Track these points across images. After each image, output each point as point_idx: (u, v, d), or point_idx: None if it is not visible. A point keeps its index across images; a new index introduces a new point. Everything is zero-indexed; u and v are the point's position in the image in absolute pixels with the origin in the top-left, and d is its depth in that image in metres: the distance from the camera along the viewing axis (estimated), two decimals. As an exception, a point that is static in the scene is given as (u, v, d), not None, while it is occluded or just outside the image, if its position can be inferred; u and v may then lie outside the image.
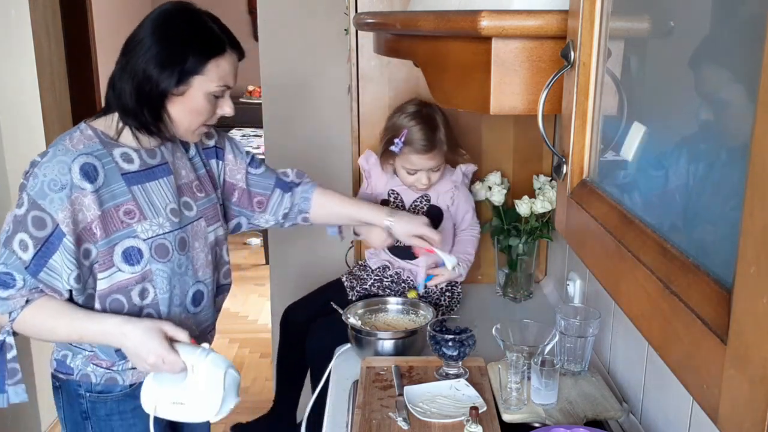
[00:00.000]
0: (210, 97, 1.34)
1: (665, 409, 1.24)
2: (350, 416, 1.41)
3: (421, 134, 1.76)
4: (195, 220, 1.44)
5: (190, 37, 1.32)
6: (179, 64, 1.29)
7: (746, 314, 0.42)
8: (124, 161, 1.35)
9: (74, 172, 1.26)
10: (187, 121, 1.36)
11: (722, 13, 0.53)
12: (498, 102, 0.84)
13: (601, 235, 0.68)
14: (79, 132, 1.33)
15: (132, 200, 1.33)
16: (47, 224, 1.25)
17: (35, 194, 1.25)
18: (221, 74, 1.33)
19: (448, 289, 1.88)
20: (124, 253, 1.32)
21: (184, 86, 1.31)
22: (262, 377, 3.34)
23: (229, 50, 1.33)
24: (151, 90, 1.30)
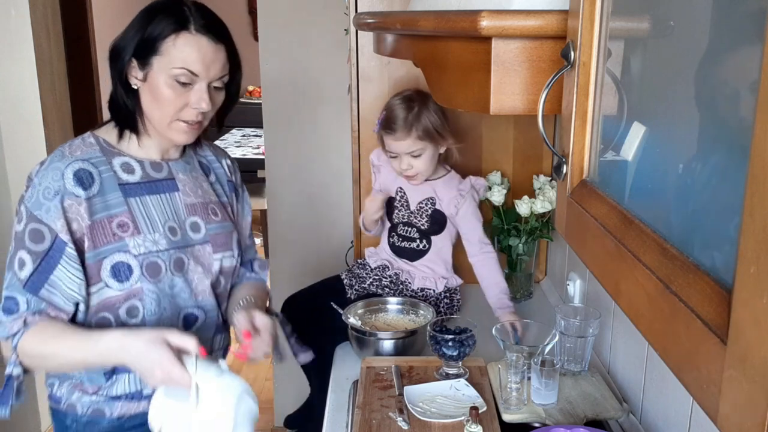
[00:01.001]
0: (173, 83, 1.23)
1: (665, 409, 1.24)
2: (350, 416, 1.41)
3: (393, 114, 1.76)
4: (200, 243, 1.36)
5: (150, 15, 1.25)
6: (137, 33, 1.24)
7: (746, 314, 0.42)
8: (124, 171, 1.29)
9: (67, 177, 1.22)
10: (156, 112, 1.27)
11: (722, 13, 0.53)
12: (498, 102, 0.84)
13: (601, 235, 0.68)
14: (80, 140, 1.30)
15: (127, 212, 1.27)
16: (45, 236, 1.20)
17: (32, 205, 1.21)
18: (181, 55, 1.22)
19: (447, 296, 1.87)
20: (113, 268, 1.24)
21: (146, 69, 1.24)
22: (262, 377, 3.34)
23: (195, 32, 1.23)
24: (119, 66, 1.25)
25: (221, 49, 1.26)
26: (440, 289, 1.86)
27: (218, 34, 1.26)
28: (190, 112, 1.27)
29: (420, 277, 1.86)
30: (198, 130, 1.32)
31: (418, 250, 1.87)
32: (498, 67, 0.83)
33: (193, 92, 1.25)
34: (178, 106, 1.25)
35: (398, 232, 1.89)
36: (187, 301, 1.34)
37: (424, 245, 1.87)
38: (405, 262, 1.88)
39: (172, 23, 1.22)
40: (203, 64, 1.24)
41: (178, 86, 1.24)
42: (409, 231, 1.88)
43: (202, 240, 1.37)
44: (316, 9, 2.56)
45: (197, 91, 1.25)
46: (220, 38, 1.26)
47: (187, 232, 1.34)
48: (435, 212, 1.86)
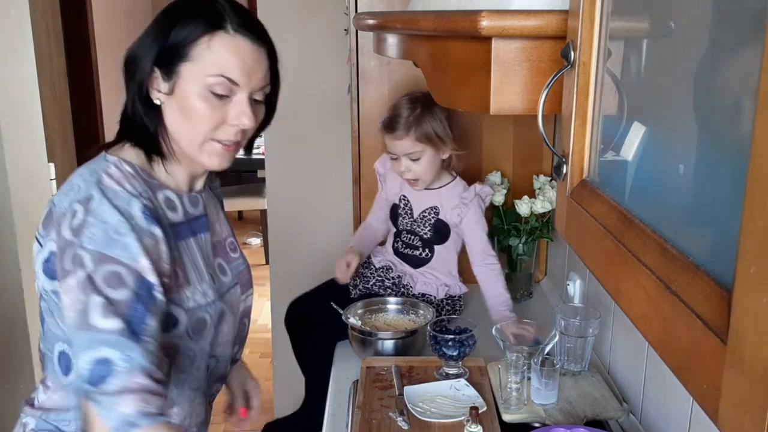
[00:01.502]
0: (206, 94, 1.02)
1: (665, 409, 1.24)
2: (350, 416, 1.41)
3: (394, 113, 1.74)
4: (231, 287, 1.20)
5: (178, 9, 1.04)
6: (159, 38, 1.02)
7: (746, 314, 0.42)
8: (169, 208, 1.08)
9: (136, 215, 0.98)
10: (186, 131, 1.05)
11: (722, 13, 0.53)
12: (498, 102, 0.84)
13: (601, 235, 0.68)
14: (113, 167, 1.04)
15: (178, 259, 1.07)
16: (125, 279, 0.95)
17: (99, 244, 0.95)
18: (217, 60, 1.01)
19: (449, 303, 1.87)
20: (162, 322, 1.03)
21: (173, 77, 1.03)
22: (262, 377, 3.33)
23: (233, 31, 1.02)
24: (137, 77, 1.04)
25: (263, 52, 1.06)
26: (441, 296, 1.86)
27: (259, 35, 1.06)
28: (227, 130, 1.06)
29: (422, 282, 1.85)
30: (235, 153, 1.11)
31: (421, 257, 1.86)
32: (498, 67, 0.83)
33: (232, 105, 1.04)
34: (213, 123, 1.04)
35: (402, 239, 1.88)
36: (214, 346, 1.17)
37: (426, 254, 1.86)
38: (408, 267, 1.88)
39: (205, 22, 1.02)
40: (244, 70, 1.03)
41: (213, 98, 1.03)
42: (413, 239, 1.86)
43: (231, 283, 1.20)
44: (316, 9, 2.56)
45: (237, 104, 1.04)
46: (261, 40, 1.06)
47: (219, 277, 1.17)
48: (438, 222, 1.83)
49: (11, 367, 2.33)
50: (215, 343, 1.16)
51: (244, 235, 5.35)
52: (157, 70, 1.04)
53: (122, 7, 5.11)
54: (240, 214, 5.74)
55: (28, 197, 2.41)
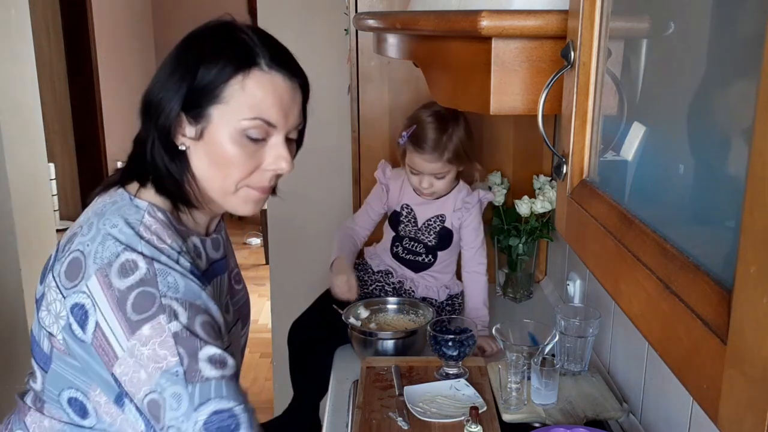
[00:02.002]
0: (240, 139, 0.93)
1: (665, 409, 1.24)
2: (350, 416, 1.41)
3: (426, 134, 1.68)
4: (233, 324, 1.13)
5: (203, 44, 0.95)
6: (185, 79, 0.93)
7: (746, 314, 0.42)
8: (197, 256, 1.01)
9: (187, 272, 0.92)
10: (217, 178, 0.96)
11: (722, 13, 0.53)
12: (498, 102, 0.84)
13: (601, 235, 0.68)
14: (147, 215, 0.95)
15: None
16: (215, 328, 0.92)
17: (184, 294, 0.89)
18: (252, 101, 0.92)
19: (449, 304, 1.87)
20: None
21: (202, 123, 0.94)
22: (262, 377, 3.34)
23: (267, 67, 0.93)
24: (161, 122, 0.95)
25: (297, 87, 0.97)
26: (443, 298, 1.86)
27: (294, 68, 0.97)
28: (263, 175, 0.97)
29: (423, 286, 1.85)
30: (266, 198, 1.03)
31: (423, 263, 1.86)
32: (498, 67, 0.83)
33: (268, 149, 0.96)
34: (248, 170, 0.96)
35: (403, 245, 1.86)
36: None
37: (429, 259, 1.85)
38: (408, 271, 1.87)
39: (236, 58, 0.92)
40: (282, 110, 0.94)
41: (248, 143, 0.94)
42: (416, 246, 1.85)
43: (233, 320, 1.13)
44: (316, 9, 2.56)
45: (274, 147, 0.96)
46: (296, 74, 0.97)
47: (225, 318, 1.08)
48: (443, 229, 1.82)
49: (10, 367, 2.33)
50: None
51: (244, 235, 5.35)
52: (183, 114, 0.95)
53: (122, 7, 5.12)
54: (240, 214, 5.74)
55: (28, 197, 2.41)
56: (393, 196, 1.85)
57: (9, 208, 2.36)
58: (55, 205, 2.67)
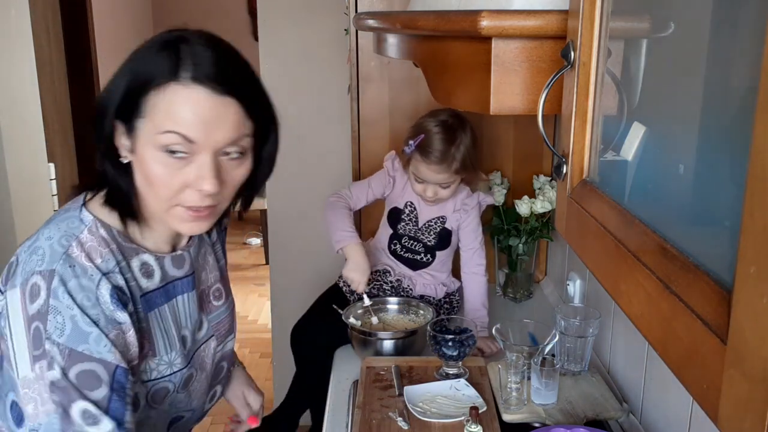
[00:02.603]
0: (162, 155, 0.89)
1: (665, 409, 1.24)
2: (350, 416, 1.41)
3: (434, 145, 1.67)
4: (204, 342, 1.11)
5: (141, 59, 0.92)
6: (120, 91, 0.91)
7: (746, 314, 0.42)
8: (144, 275, 0.99)
9: (104, 301, 0.90)
10: (149, 194, 0.94)
11: (722, 13, 0.53)
12: (498, 102, 0.84)
13: (601, 235, 0.68)
14: (86, 231, 0.94)
15: (147, 331, 0.98)
16: (101, 376, 0.88)
17: (68, 340, 0.87)
18: (168, 116, 0.88)
19: (447, 301, 1.87)
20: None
21: (132, 135, 0.91)
22: (262, 377, 3.34)
23: (188, 81, 0.88)
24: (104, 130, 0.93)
25: (230, 103, 0.90)
26: (440, 296, 1.86)
27: (224, 83, 0.89)
28: (193, 194, 0.92)
29: (421, 284, 1.85)
30: (211, 217, 0.97)
31: (422, 261, 1.86)
32: (498, 67, 0.83)
33: (193, 167, 0.90)
34: (174, 188, 0.91)
35: (402, 243, 1.86)
36: (180, 406, 1.10)
37: (428, 259, 1.85)
38: (406, 269, 1.87)
39: (159, 71, 0.89)
40: (202, 125, 0.88)
41: (172, 160, 0.89)
42: (415, 245, 1.85)
43: (205, 337, 1.12)
44: (316, 9, 2.56)
45: (197, 166, 0.90)
46: (226, 89, 0.89)
47: (194, 334, 1.09)
48: (443, 230, 1.83)
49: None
50: (181, 406, 1.10)
51: (244, 235, 5.35)
52: (119, 124, 0.92)
53: (122, 7, 5.11)
54: (240, 214, 5.73)
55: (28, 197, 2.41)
56: (396, 190, 1.85)
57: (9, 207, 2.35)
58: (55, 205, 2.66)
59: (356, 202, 1.86)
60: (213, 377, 1.18)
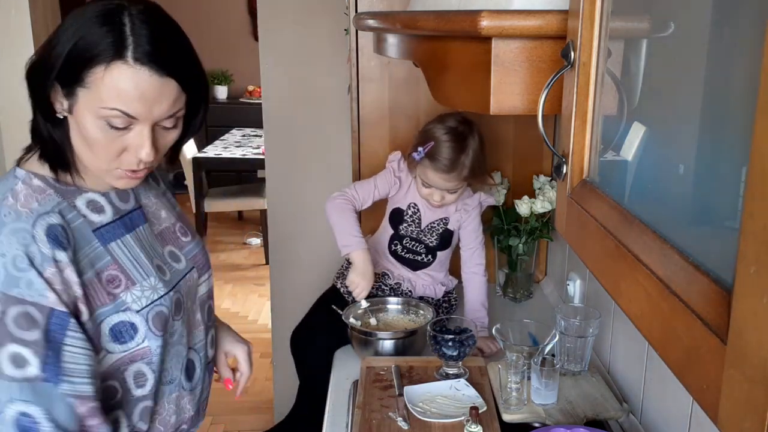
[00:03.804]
0: (102, 125, 0.95)
1: (665, 409, 1.24)
2: (350, 416, 1.41)
3: (444, 153, 1.67)
4: (187, 272, 1.17)
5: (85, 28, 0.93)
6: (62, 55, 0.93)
7: (746, 314, 0.42)
8: (93, 211, 1.04)
9: (39, 239, 0.93)
10: (88, 154, 0.99)
11: (722, 13, 0.53)
12: (498, 102, 0.84)
13: (601, 235, 0.68)
14: (21, 183, 0.99)
15: (113, 263, 1.03)
16: (36, 318, 0.91)
17: (2, 285, 0.91)
18: (111, 93, 0.92)
19: (446, 301, 1.87)
20: (111, 330, 1.01)
21: (70, 99, 0.95)
22: (262, 377, 3.34)
23: (133, 61, 0.92)
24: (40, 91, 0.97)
25: (170, 82, 0.95)
26: (440, 296, 1.87)
27: (165, 64, 0.94)
28: (130, 159, 0.99)
29: (420, 286, 1.85)
30: (145, 174, 1.04)
31: (422, 262, 1.86)
32: (498, 67, 0.83)
33: (131, 136, 0.97)
34: (112, 154, 0.98)
35: (404, 244, 1.86)
36: (185, 347, 1.16)
37: (429, 259, 1.85)
38: (406, 270, 1.87)
39: (105, 47, 0.92)
40: (144, 103, 0.94)
41: (110, 130, 0.95)
42: (416, 246, 1.85)
43: (186, 268, 1.17)
44: (316, 9, 2.56)
45: (137, 136, 0.97)
46: (168, 70, 0.95)
47: (171, 266, 1.14)
48: (445, 231, 1.83)
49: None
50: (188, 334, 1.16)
51: (244, 235, 5.35)
52: (57, 84, 0.96)
53: (122, 7, 5.11)
54: (240, 214, 5.75)
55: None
56: (401, 191, 1.84)
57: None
58: (55, 205, 2.66)
59: (362, 202, 1.85)
60: (208, 317, 1.24)
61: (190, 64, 1.01)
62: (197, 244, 1.24)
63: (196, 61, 1.03)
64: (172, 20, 1.01)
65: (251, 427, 2.98)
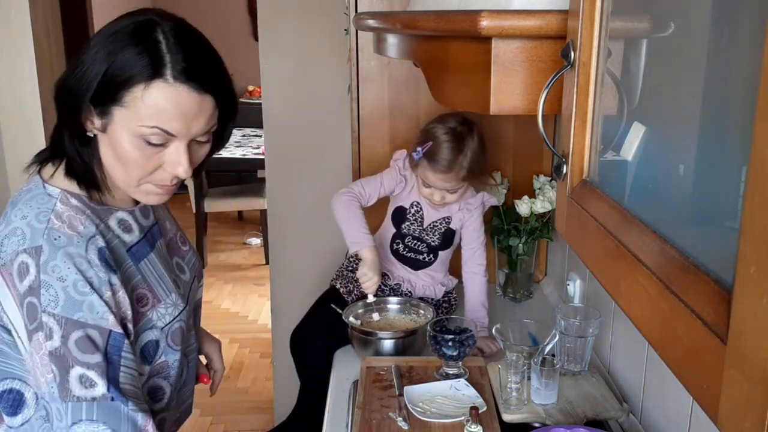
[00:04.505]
0: (139, 143, 0.94)
1: (665, 409, 1.24)
2: (350, 416, 1.41)
3: (442, 154, 1.67)
4: (192, 283, 1.19)
5: (118, 42, 0.93)
6: (97, 77, 0.93)
7: (746, 314, 0.42)
8: (124, 231, 1.05)
9: (95, 264, 0.95)
10: (119, 171, 0.99)
11: (722, 13, 0.53)
12: (498, 102, 0.84)
13: (601, 235, 0.68)
14: (59, 203, 0.98)
15: (142, 282, 1.05)
16: (97, 341, 0.93)
17: (63, 309, 0.92)
18: (151, 111, 0.92)
19: (446, 300, 1.87)
20: (142, 351, 1.04)
21: (105, 118, 0.95)
22: (262, 377, 3.34)
23: (173, 79, 0.92)
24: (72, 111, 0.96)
25: (207, 99, 0.96)
26: (440, 296, 1.86)
27: (204, 80, 0.95)
28: (164, 175, 0.99)
29: (420, 286, 1.85)
30: (175, 189, 1.05)
31: (424, 261, 1.86)
32: (498, 67, 0.83)
33: (168, 153, 0.97)
34: (147, 170, 0.98)
35: (405, 243, 1.86)
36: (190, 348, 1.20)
37: (430, 258, 1.85)
38: (406, 270, 1.87)
39: (142, 65, 0.92)
40: (183, 120, 0.94)
41: (147, 147, 0.95)
42: (418, 245, 1.85)
43: (190, 279, 1.20)
44: (316, 9, 2.56)
45: (174, 153, 0.97)
46: (205, 86, 0.95)
47: (180, 278, 1.16)
48: (448, 230, 1.83)
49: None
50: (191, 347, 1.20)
51: (244, 235, 5.35)
52: (90, 106, 0.95)
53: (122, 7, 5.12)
54: (240, 214, 5.75)
55: (28, 197, 2.40)
56: (405, 190, 1.84)
57: (9, 208, 2.35)
58: (55, 205, 2.66)
59: (369, 199, 1.84)
60: (198, 321, 1.28)
61: (224, 79, 1.01)
62: (193, 253, 1.26)
63: (227, 75, 1.02)
64: (202, 35, 1.01)
65: (251, 427, 2.98)
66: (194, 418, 1.56)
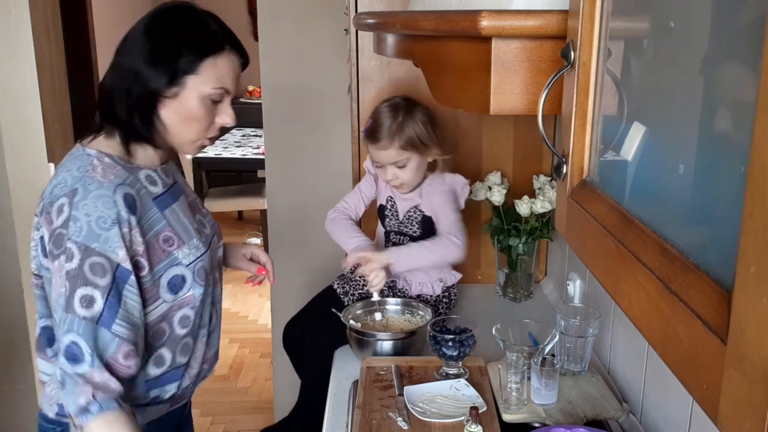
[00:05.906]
0: (206, 101, 1.22)
1: (665, 409, 1.24)
2: (350, 416, 1.41)
3: (377, 123, 1.72)
4: (212, 237, 1.40)
5: (184, 32, 1.21)
6: (171, 60, 1.19)
7: (746, 314, 0.42)
8: (151, 184, 1.26)
9: (120, 204, 1.15)
10: (183, 129, 1.24)
11: (722, 13, 0.53)
12: (498, 102, 0.84)
13: (601, 235, 0.68)
14: (95, 160, 1.21)
15: (168, 226, 1.25)
16: (106, 269, 1.13)
17: (84, 239, 1.12)
18: (218, 75, 1.21)
19: (445, 297, 1.87)
20: (169, 282, 1.25)
21: (177, 87, 1.20)
22: (262, 377, 3.34)
23: (228, 51, 1.23)
24: (141, 90, 1.20)
25: (241, 63, 1.28)
26: (438, 292, 1.86)
27: (243, 49, 1.27)
28: (214, 129, 1.28)
29: (416, 284, 1.85)
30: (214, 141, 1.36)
31: None
32: (498, 67, 0.83)
33: (223, 107, 1.26)
34: (207, 124, 1.25)
35: (392, 240, 1.88)
36: (210, 297, 1.37)
37: None
38: None
39: (210, 45, 1.21)
40: (233, 80, 1.26)
41: (210, 104, 1.23)
42: (402, 239, 1.86)
43: (211, 234, 1.40)
44: (316, 9, 2.56)
45: (227, 107, 1.27)
46: (243, 54, 1.27)
47: (202, 231, 1.36)
48: (424, 218, 1.83)
49: (11, 367, 2.33)
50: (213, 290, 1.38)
51: (244, 235, 5.35)
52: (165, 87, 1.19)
53: (122, 6, 5.12)
54: (240, 214, 5.75)
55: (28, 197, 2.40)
56: (380, 188, 1.89)
57: (9, 207, 2.36)
58: (55, 205, 2.66)
59: (356, 210, 1.90)
60: (221, 276, 1.47)
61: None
62: (212, 217, 1.48)
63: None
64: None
65: (251, 427, 2.98)
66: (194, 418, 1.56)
